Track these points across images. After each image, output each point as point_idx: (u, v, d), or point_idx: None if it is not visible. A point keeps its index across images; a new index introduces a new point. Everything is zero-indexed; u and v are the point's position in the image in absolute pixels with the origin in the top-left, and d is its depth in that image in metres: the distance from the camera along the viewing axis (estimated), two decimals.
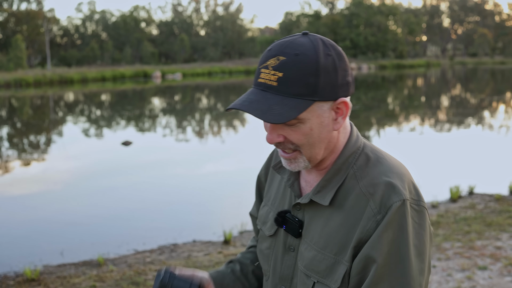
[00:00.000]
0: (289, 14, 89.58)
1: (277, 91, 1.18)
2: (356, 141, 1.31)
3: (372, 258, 1.17)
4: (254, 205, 1.62)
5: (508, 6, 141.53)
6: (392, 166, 1.26)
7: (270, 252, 1.41)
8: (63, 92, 36.52)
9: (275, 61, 1.19)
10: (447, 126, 16.56)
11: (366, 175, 1.25)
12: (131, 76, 52.48)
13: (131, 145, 13.57)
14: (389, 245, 1.16)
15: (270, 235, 1.41)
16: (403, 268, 1.16)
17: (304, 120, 1.20)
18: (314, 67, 1.17)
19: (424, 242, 1.21)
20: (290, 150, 1.25)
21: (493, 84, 39.37)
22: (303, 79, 1.17)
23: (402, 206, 1.18)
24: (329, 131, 1.25)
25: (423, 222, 1.22)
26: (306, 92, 1.18)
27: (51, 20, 73.45)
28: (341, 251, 1.22)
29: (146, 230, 6.80)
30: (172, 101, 28.75)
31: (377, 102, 25.03)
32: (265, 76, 1.20)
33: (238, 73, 59.66)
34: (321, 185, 1.28)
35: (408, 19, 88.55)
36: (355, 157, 1.29)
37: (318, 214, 1.29)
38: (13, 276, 5.25)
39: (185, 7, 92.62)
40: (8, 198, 8.90)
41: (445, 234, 5.83)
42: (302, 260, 1.30)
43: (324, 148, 1.26)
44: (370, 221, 1.19)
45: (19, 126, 19.32)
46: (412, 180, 1.27)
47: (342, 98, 1.23)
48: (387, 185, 1.20)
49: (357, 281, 1.20)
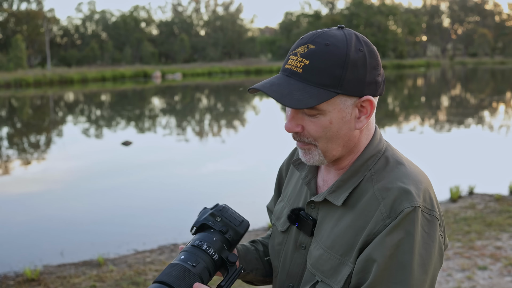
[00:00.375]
0: (289, 14, 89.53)
1: (301, 78, 1.17)
2: (378, 144, 1.29)
3: (373, 259, 1.14)
4: (272, 199, 1.61)
5: (508, 6, 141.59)
6: (409, 173, 1.23)
7: (281, 248, 1.40)
8: (63, 92, 36.52)
9: (304, 48, 1.19)
10: (447, 126, 16.57)
11: (381, 178, 1.22)
12: (131, 76, 52.44)
13: (131, 145, 13.57)
14: (393, 249, 1.13)
15: (282, 231, 1.40)
16: (402, 275, 1.13)
17: (324, 112, 1.19)
18: (343, 59, 1.16)
19: (431, 253, 1.17)
20: (305, 143, 1.24)
21: (493, 84, 39.37)
22: (329, 69, 1.16)
23: (412, 213, 1.15)
24: (350, 129, 1.23)
25: (433, 232, 1.18)
26: (330, 83, 1.16)
27: (51, 20, 73.42)
28: (347, 253, 1.21)
29: (146, 230, 6.80)
30: (172, 101, 28.74)
31: (377, 102, 24.94)
32: (292, 62, 1.20)
33: (238, 73, 59.65)
34: (336, 185, 1.27)
35: (408, 19, 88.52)
36: (375, 160, 1.26)
37: (330, 214, 1.28)
38: (13, 276, 5.25)
39: (185, 7, 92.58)
40: (8, 198, 8.90)
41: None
42: (310, 259, 1.29)
43: (343, 146, 1.24)
44: (379, 225, 1.16)
45: (19, 126, 19.32)
46: (429, 189, 1.23)
47: (368, 96, 1.21)
48: (400, 190, 1.17)
49: (356, 282, 1.18)
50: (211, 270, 1.25)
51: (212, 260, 1.25)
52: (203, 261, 1.24)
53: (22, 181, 10.14)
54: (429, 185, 1.24)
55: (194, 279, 1.19)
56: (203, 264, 1.23)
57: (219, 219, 1.32)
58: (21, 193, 9.23)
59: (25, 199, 8.82)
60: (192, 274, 1.20)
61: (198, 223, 1.33)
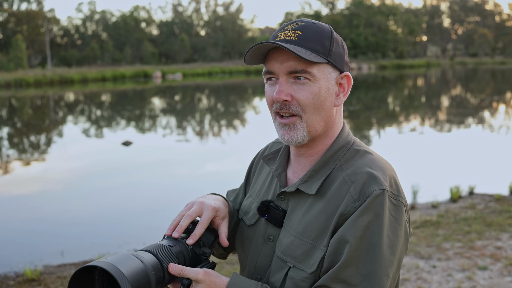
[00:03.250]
0: (289, 14, 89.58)
1: (297, 43, 1.25)
2: (347, 136, 1.36)
3: (345, 240, 1.18)
4: (239, 188, 1.63)
5: (508, 6, 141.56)
6: (376, 160, 1.29)
7: (249, 242, 1.42)
8: (63, 92, 36.53)
9: (294, 25, 1.29)
10: (447, 126, 16.56)
11: (350, 166, 1.28)
12: (131, 76, 52.48)
13: (131, 145, 13.57)
14: (363, 230, 1.18)
15: (250, 225, 1.43)
16: (372, 254, 1.17)
17: (315, 78, 1.26)
18: (329, 34, 1.30)
19: (398, 236, 1.22)
20: (290, 115, 1.28)
21: (493, 84, 39.36)
22: (320, 39, 1.27)
23: (381, 196, 1.20)
24: (332, 104, 1.31)
25: (399, 216, 1.23)
26: (321, 51, 1.27)
27: (51, 20, 73.45)
28: (319, 237, 1.24)
29: (146, 230, 6.80)
30: (172, 101, 28.75)
31: (377, 102, 25.01)
32: (283, 35, 1.28)
33: (238, 73, 59.65)
34: (308, 175, 1.31)
35: (408, 19, 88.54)
36: (344, 151, 1.32)
37: (301, 203, 1.31)
38: (13, 276, 5.25)
39: (185, 7, 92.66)
40: (8, 198, 8.90)
41: (445, 234, 5.83)
42: (280, 246, 1.31)
43: (324, 122, 1.30)
44: (349, 207, 1.21)
45: (19, 126, 19.32)
46: (394, 176, 1.29)
47: (347, 72, 1.33)
48: (369, 175, 1.23)
49: (328, 264, 1.21)
50: (186, 257, 1.27)
51: (186, 248, 1.28)
52: (179, 246, 1.27)
53: (22, 181, 10.14)
54: (394, 173, 1.30)
55: (170, 254, 1.22)
56: (178, 248, 1.26)
57: (191, 226, 1.35)
58: (21, 193, 9.23)
59: (25, 199, 8.82)
60: (169, 249, 1.23)
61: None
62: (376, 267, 1.17)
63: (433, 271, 4.79)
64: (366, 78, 48.71)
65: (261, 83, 42.52)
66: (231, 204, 1.46)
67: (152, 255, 1.19)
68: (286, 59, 1.26)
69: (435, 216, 6.60)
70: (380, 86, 37.56)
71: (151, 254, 1.19)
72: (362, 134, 14.34)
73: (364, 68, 67.67)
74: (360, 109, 20.76)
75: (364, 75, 53.43)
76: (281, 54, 1.27)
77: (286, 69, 1.26)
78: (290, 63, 1.25)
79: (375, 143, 13.13)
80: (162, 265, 1.19)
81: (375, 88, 34.84)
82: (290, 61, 1.25)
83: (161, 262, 1.19)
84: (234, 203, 1.59)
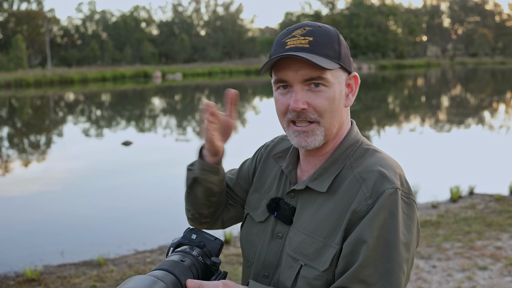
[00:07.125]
0: (289, 14, 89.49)
1: (309, 51, 1.24)
2: (356, 135, 1.37)
3: (363, 240, 1.18)
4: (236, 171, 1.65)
5: (508, 6, 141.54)
6: (386, 159, 1.30)
7: (258, 238, 1.42)
8: (63, 92, 36.52)
9: (301, 30, 1.27)
10: (447, 126, 16.56)
11: (361, 164, 1.29)
12: (131, 76, 52.45)
13: (131, 145, 13.57)
14: (379, 229, 1.18)
15: (260, 221, 1.43)
16: (389, 253, 1.18)
17: (330, 84, 1.26)
18: (336, 37, 1.30)
19: (412, 233, 1.23)
20: (308, 122, 1.28)
21: (493, 84, 39.35)
22: (330, 44, 1.27)
23: (394, 194, 1.21)
24: (343, 105, 1.32)
25: (412, 214, 1.24)
26: (333, 55, 1.27)
27: (51, 20, 73.43)
28: (331, 235, 1.24)
29: (146, 230, 6.80)
30: (172, 101, 28.75)
31: (378, 102, 25.00)
32: (293, 42, 1.26)
33: (238, 73, 59.63)
34: (318, 173, 1.32)
35: (408, 19, 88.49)
36: (354, 149, 1.33)
37: (311, 201, 1.32)
38: (13, 276, 5.25)
39: (186, 7, 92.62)
40: (8, 198, 8.90)
41: (445, 234, 5.83)
42: (291, 245, 1.31)
43: (338, 124, 1.31)
44: (361, 205, 1.21)
45: (19, 126, 19.32)
46: (403, 175, 1.30)
47: (355, 72, 1.34)
48: (380, 173, 1.24)
49: (345, 264, 1.21)
50: (198, 269, 1.27)
51: (197, 260, 1.28)
52: (189, 259, 1.27)
53: (22, 181, 10.14)
54: (402, 171, 1.32)
55: (185, 269, 1.22)
56: (190, 261, 1.26)
57: (194, 236, 1.35)
58: (22, 193, 9.23)
59: (25, 199, 8.82)
60: (182, 265, 1.23)
61: (174, 244, 1.36)
62: (393, 265, 1.18)
63: (433, 271, 4.79)
64: (366, 78, 48.69)
65: (261, 83, 42.52)
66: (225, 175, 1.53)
67: (169, 274, 1.18)
68: (301, 67, 1.24)
69: (435, 216, 6.60)
70: (380, 86, 37.55)
71: (168, 273, 1.19)
72: (362, 134, 14.11)
73: (364, 68, 67.63)
74: (360, 109, 20.74)
75: (364, 75, 53.41)
76: (294, 62, 1.25)
77: (302, 77, 1.25)
78: (305, 71, 1.24)
79: (375, 143, 13.13)
80: (181, 282, 1.19)
81: (375, 88, 34.83)
82: (304, 69, 1.24)
83: (179, 279, 1.19)
84: (235, 179, 1.62)
